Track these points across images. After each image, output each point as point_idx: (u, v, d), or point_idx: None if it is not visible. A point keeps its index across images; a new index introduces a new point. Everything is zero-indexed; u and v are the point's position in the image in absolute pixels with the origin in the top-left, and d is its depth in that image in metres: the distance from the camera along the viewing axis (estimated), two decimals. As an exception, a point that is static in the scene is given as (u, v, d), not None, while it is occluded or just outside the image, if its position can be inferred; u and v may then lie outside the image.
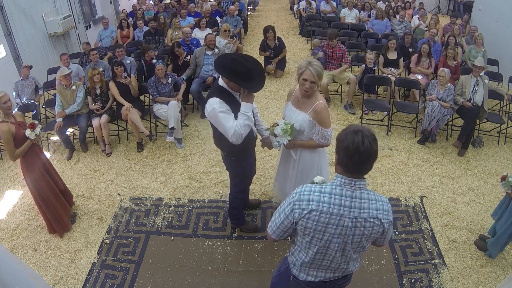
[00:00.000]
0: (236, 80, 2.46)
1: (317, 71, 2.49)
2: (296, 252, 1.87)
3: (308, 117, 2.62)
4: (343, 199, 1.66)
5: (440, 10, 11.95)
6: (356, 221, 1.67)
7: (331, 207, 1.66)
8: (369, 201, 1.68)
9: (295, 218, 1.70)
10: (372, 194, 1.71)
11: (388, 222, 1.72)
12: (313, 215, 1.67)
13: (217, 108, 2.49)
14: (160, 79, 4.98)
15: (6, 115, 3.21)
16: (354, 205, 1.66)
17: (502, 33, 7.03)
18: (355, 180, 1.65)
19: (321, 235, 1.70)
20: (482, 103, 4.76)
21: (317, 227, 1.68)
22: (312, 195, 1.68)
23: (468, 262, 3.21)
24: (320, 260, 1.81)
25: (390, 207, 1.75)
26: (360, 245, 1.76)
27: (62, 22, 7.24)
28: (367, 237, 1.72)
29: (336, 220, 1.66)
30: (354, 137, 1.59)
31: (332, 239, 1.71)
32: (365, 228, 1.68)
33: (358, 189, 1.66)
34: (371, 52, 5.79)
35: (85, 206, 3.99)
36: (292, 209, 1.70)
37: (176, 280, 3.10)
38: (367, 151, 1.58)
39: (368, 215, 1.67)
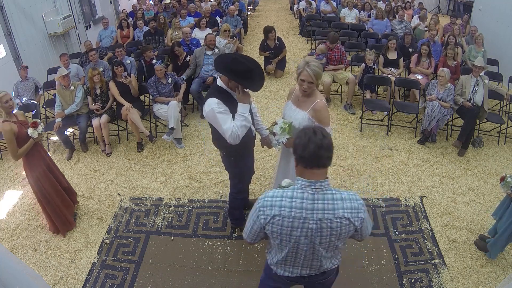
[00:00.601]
0: (237, 79, 2.46)
1: (315, 71, 2.49)
2: (272, 252, 1.92)
3: (307, 115, 2.63)
4: (304, 201, 1.67)
5: (440, 10, 11.95)
6: (321, 223, 1.67)
7: (292, 211, 1.67)
8: (334, 201, 1.68)
9: (261, 224, 1.73)
10: (337, 193, 1.70)
11: (359, 220, 1.71)
12: (276, 220, 1.68)
13: (215, 108, 2.50)
14: (160, 79, 4.98)
15: (8, 114, 3.21)
16: (317, 207, 1.66)
17: (502, 33, 7.03)
18: (314, 182, 1.66)
19: (288, 237, 1.72)
20: (482, 103, 4.76)
21: (282, 231, 1.70)
22: (274, 201, 1.70)
23: (468, 262, 3.21)
24: (293, 259, 1.84)
25: (361, 204, 1.73)
26: (331, 245, 1.76)
27: (62, 22, 7.25)
28: (336, 237, 1.72)
29: (300, 223, 1.67)
30: (306, 132, 1.66)
31: (300, 241, 1.72)
32: (332, 229, 1.69)
33: (319, 190, 1.67)
34: (371, 52, 5.79)
35: (85, 206, 3.99)
36: (258, 215, 1.73)
37: (176, 280, 3.10)
38: (320, 140, 1.62)
39: (334, 215, 1.67)
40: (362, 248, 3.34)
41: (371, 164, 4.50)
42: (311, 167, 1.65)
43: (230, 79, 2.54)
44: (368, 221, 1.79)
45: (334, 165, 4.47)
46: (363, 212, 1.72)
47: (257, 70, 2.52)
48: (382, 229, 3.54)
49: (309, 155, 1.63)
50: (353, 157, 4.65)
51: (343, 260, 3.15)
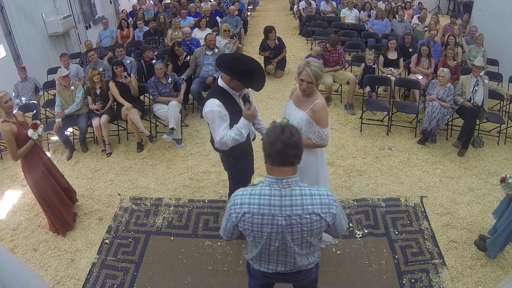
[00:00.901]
0: (240, 78, 2.47)
1: (314, 71, 2.49)
2: (248, 248, 1.95)
3: (305, 116, 2.63)
4: (272, 198, 1.68)
5: (440, 10, 11.95)
6: (291, 219, 1.68)
7: (261, 208, 1.68)
8: (302, 197, 1.68)
9: (234, 222, 1.75)
10: (306, 189, 1.71)
11: (331, 215, 1.71)
12: (246, 217, 1.70)
13: (215, 111, 2.49)
14: (160, 79, 4.98)
15: (8, 115, 3.21)
16: (285, 203, 1.67)
17: (502, 33, 7.03)
18: (281, 178, 1.67)
19: (260, 234, 1.74)
20: (482, 103, 4.76)
21: (253, 228, 1.72)
22: (243, 199, 1.72)
23: (468, 262, 3.21)
24: (267, 256, 1.86)
25: (333, 200, 1.73)
26: (304, 241, 1.77)
27: (62, 22, 7.25)
28: (308, 233, 1.73)
29: (269, 220, 1.69)
30: (274, 129, 1.67)
31: (271, 237, 1.74)
32: (303, 225, 1.70)
33: (287, 187, 1.68)
34: (371, 52, 5.79)
35: (85, 206, 3.99)
36: (230, 213, 1.75)
37: (176, 280, 3.10)
38: (288, 139, 1.62)
39: (303, 211, 1.67)
40: (362, 248, 3.34)
41: (371, 164, 4.50)
42: (278, 165, 1.67)
43: (232, 79, 2.53)
44: (342, 217, 1.80)
45: (334, 165, 4.47)
46: (335, 208, 1.72)
47: (259, 70, 2.53)
48: (382, 229, 3.54)
49: (276, 153, 1.64)
50: (353, 157, 4.65)
51: (343, 260, 3.20)
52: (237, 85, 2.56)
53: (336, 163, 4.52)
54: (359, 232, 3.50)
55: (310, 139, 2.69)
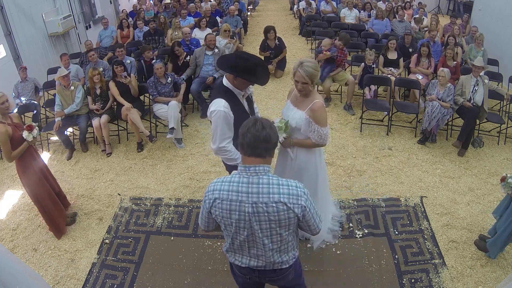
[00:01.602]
0: (244, 75, 2.47)
1: (308, 72, 2.49)
2: (224, 239, 1.97)
3: (304, 115, 2.63)
4: (240, 185, 1.73)
5: (440, 10, 11.95)
6: (257, 206, 1.71)
7: (230, 194, 1.73)
8: (269, 186, 1.71)
9: (207, 208, 1.81)
10: (274, 179, 1.74)
11: (299, 207, 1.72)
12: (217, 203, 1.76)
13: (221, 111, 2.48)
14: (159, 79, 4.98)
15: (3, 116, 3.21)
16: (252, 191, 1.71)
17: (502, 33, 7.03)
18: (249, 166, 1.72)
19: (229, 221, 1.78)
20: (482, 103, 4.75)
21: (223, 214, 1.77)
22: (216, 185, 1.79)
23: (468, 262, 3.21)
24: (238, 246, 1.89)
25: (303, 192, 1.74)
26: (273, 233, 1.78)
27: (62, 22, 7.25)
28: (276, 223, 1.75)
29: (237, 206, 1.73)
30: (248, 122, 1.74)
31: (239, 225, 1.78)
32: (269, 214, 1.72)
33: (254, 175, 1.72)
34: (371, 52, 5.79)
35: (85, 206, 3.99)
36: (204, 200, 1.83)
37: (176, 280, 3.10)
38: (258, 132, 1.69)
39: (269, 199, 1.70)
40: (362, 248, 3.34)
41: (371, 164, 4.50)
42: (248, 155, 1.73)
43: (236, 77, 2.52)
44: (314, 213, 1.81)
45: (334, 165, 4.47)
46: (304, 200, 1.73)
47: (262, 65, 2.55)
48: (382, 229, 3.54)
49: (246, 144, 1.71)
50: (353, 157, 4.65)
51: (343, 260, 3.20)
52: (242, 83, 2.56)
53: (336, 163, 4.52)
54: (359, 232, 3.50)
55: (309, 138, 2.69)
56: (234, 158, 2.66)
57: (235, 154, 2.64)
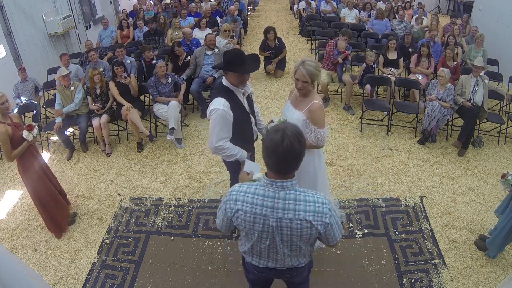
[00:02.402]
0: (233, 68, 2.53)
1: (309, 71, 2.50)
2: (242, 241, 1.96)
3: (302, 116, 2.63)
4: (265, 199, 1.69)
5: (440, 10, 11.95)
6: (281, 222, 1.69)
7: (253, 207, 1.70)
8: (295, 202, 1.67)
9: (228, 217, 1.78)
10: (301, 194, 1.68)
11: (323, 224, 1.68)
12: (239, 214, 1.73)
13: (220, 110, 2.51)
14: (160, 79, 4.98)
15: (3, 116, 3.22)
16: (277, 206, 1.67)
17: (502, 33, 7.02)
18: (276, 181, 1.66)
19: (251, 231, 1.77)
20: (482, 103, 4.75)
21: (245, 224, 1.75)
22: (238, 195, 1.73)
23: (468, 262, 3.21)
24: (258, 251, 1.89)
25: (328, 209, 1.69)
26: (293, 244, 1.77)
27: (62, 22, 7.25)
28: (298, 238, 1.73)
29: (261, 219, 1.71)
30: (273, 135, 1.56)
31: (262, 236, 1.76)
32: (292, 229, 1.69)
33: (281, 190, 1.67)
34: (371, 53, 5.79)
35: (85, 206, 3.99)
36: (225, 208, 1.78)
37: (176, 280, 3.10)
38: (286, 151, 1.54)
39: (294, 216, 1.66)
40: (362, 248, 3.34)
41: (371, 164, 4.50)
42: (275, 172, 1.66)
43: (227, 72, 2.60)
44: (336, 228, 1.76)
45: (334, 165, 4.47)
46: (328, 218, 1.69)
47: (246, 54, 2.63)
48: (382, 229, 3.54)
49: (272, 163, 1.61)
50: (353, 157, 4.65)
51: (343, 260, 3.20)
52: (235, 78, 2.59)
53: (336, 163, 4.52)
54: (359, 232, 3.50)
55: (307, 139, 2.68)
56: (233, 154, 2.66)
57: (233, 150, 2.66)
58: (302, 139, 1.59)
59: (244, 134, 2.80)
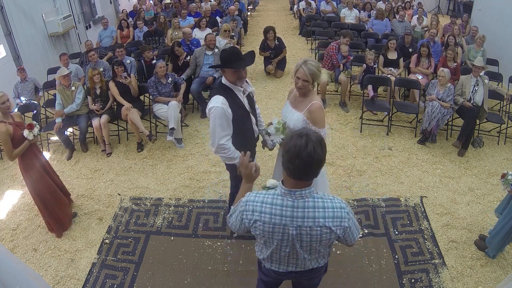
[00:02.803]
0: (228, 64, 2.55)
1: (311, 70, 2.51)
2: (258, 248, 1.96)
3: (302, 117, 2.63)
4: (283, 209, 1.66)
5: (440, 10, 11.95)
6: (301, 230, 1.68)
7: (272, 218, 1.68)
8: (314, 210, 1.65)
9: (246, 226, 1.76)
10: (319, 201, 1.67)
11: (342, 228, 1.68)
12: (258, 224, 1.70)
13: (219, 107, 2.52)
14: (160, 79, 4.98)
15: (5, 115, 3.22)
16: (297, 215, 1.66)
17: (502, 33, 7.02)
18: (295, 191, 1.64)
19: (271, 240, 1.75)
20: (482, 103, 4.76)
21: (264, 234, 1.73)
22: (255, 206, 1.70)
23: (468, 262, 3.21)
24: (278, 257, 1.88)
25: (346, 212, 1.69)
26: (312, 250, 1.78)
27: (62, 22, 7.24)
28: (317, 243, 1.73)
29: (280, 229, 1.69)
30: (297, 140, 1.53)
31: (281, 244, 1.75)
32: (312, 236, 1.69)
33: (300, 198, 1.65)
34: (372, 53, 5.79)
35: (85, 206, 3.99)
36: (242, 218, 1.75)
37: (176, 280, 3.10)
38: (310, 157, 1.52)
39: (314, 223, 1.65)
40: (362, 248, 3.34)
41: (371, 164, 4.50)
42: (295, 179, 1.62)
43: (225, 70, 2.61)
44: (354, 229, 1.75)
45: (334, 165, 4.47)
46: (347, 221, 1.69)
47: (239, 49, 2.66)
48: (382, 229, 3.54)
49: (295, 171, 1.58)
50: (353, 157, 4.65)
51: (343, 260, 3.20)
52: (232, 75, 2.60)
53: (336, 163, 4.52)
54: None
55: None
56: (233, 157, 2.68)
57: (234, 153, 2.66)
58: (325, 146, 1.58)
59: (245, 133, 2.80)
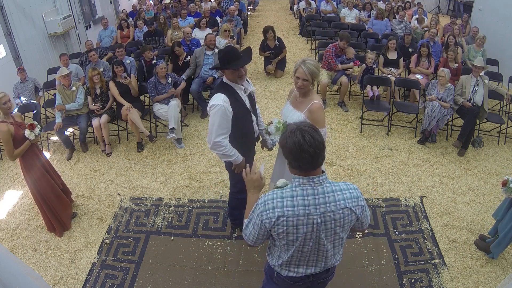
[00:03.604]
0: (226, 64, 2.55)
1: (310, 69, 2.52)
2: (276, 253, 1.88)
3: (303, 116, 2.63)
4: (305, 198, 1.68)
5: (440, 10, 11.95)
6: (325, 216, 1.69)
7: (296, 210, 1.67)
8: (334, 193, 1.70)
9: (267, 228, 1.72)
10: (335, 185, 1.73)
11: (360, 208, 1.74)
12: (281, 221, 1.68)
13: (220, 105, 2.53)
14: (160, 79, 4.98)
15: (6, 115, 3.23)
16: (319, 201, 1.68)
17: (502, 33, 7.02)
18: (312, 177, 1.67)
19: (295, 236, 1.72)
20: (482, 103, 4.76)
21: (288, 230, 1.70)
22: (275, 202, 1.69)
23: (468, 262, 3.21)
24: (298, 258, 1.84)
25: (359, 192, 1.76)
26: (335, 237, 1.78)
27: (62, 22, 7.25)
28: (340, 228, 1.74)
29: (305, 219, 1.68)
30: (293, 137, 1.60)
31: (306, 237, 1.73)
32: (336, 220, 1.71)
33: (319, 185, 1.68)
34: (372, 52, 5.80)
35: (85, 206, 3.99)
36: (261, 220, 1.71)
37: (176, 280, 3.10)
38: (313, 146, 1.58)
39: (336, 207, 1.69)
40: (362, 248, 3.34)
41: (371, 164, 4.50)
42: (307, 170, 1.67)
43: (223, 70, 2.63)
44: (367, 208, 1.83)
45: (334, 165, 4.47)
46: (362, 200, 1.75)
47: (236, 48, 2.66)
48: (382, 229, 3.54)
49: (306, 164, 1.64)
50: (353, 157, 4.65)
51: (343, 260, 3.15)
52: (231, 74, 2.61)
53: (336, 163, 4.52)
54: (359, 232, 3.50)
55: None
56: (229, 154, 2.68)
57: (230, 150, 2.67)
58: (317, 129, 1.65)
59: (245, 132, 2.81)
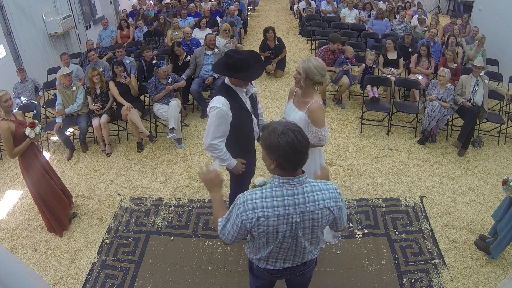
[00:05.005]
0: (234, 73, 2.51)
1: (306, 66, 2.53)
2: (254, 250, 1.92)
3: (304, 116, 2.64)
4: (285, 199, 1.68)
5: (440, 10, 11.95)
6: (304, 215, 1.71)
7: (276, 210, 1.68)
8: (314, 193, 1.71)
9: (247, 228, 1.72)
10: (315, 184, 1.74)
11: (338, 208, 1.76)
12: (261, 221, 1.68)
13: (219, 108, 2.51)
14: (160, 79, 4.98)
15: (7, 114, 3.23)
16: (299, 201, 1.69)
17: (502, 33, 7.02)
18: (292, 178, 1.68)
19: (275, 235, 1.74)
20: (482, 103, 4.76)
21: (268, 230, 1.71)
22: (255, 203, 1.68)
23: (468, 262, 3.21)
24: (276, 254, 1.86)
25: (338, 193, 1.78)
26: (313, 235, 1.81)
27: (62, 22, 7.25)
28: (318, 227, 1.77)
29: (285, 219, 1.70)
30: (286, 138, 1.58)
31: (285, 235, 1.75)
32: (314, 220, 1.73)
33: (298, 185, 1.70)
34: (372, 52, 5.80)
35: (85, 206, 3.99)
36: (242, 220, 1.70)
37: (176, 280, 3.10)
38: (304, 145, 1.60)
39: (315, 207, 1.70)
40: (362, 248, 3.34)
41: (371, 164, 4.50)
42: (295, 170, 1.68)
43: (229, 77, 2.58)
44: (344, 210, 1.84)
45: (334, 165, 4.47)
46: (340, 201, 1.77)
47: (252, 57, 2.57)
48: (382, 229, 3.54)
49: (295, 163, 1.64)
50: (353, 157, 4.65)
51: (343, 260, 3.20)
52: (238, 81, 2.59)
53: (336, 163, 4.52)
54: (359, 232, 3.50)
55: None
56: (223, 158, 2.66)
57: (225, 155, 2.66)
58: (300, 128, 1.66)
59: (245, 134, 2.80)
